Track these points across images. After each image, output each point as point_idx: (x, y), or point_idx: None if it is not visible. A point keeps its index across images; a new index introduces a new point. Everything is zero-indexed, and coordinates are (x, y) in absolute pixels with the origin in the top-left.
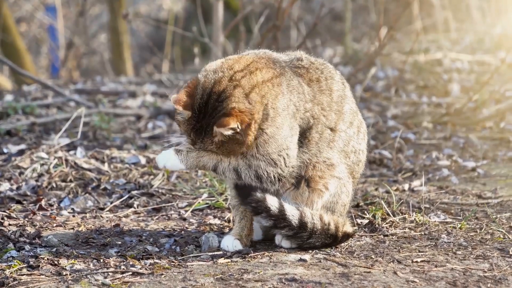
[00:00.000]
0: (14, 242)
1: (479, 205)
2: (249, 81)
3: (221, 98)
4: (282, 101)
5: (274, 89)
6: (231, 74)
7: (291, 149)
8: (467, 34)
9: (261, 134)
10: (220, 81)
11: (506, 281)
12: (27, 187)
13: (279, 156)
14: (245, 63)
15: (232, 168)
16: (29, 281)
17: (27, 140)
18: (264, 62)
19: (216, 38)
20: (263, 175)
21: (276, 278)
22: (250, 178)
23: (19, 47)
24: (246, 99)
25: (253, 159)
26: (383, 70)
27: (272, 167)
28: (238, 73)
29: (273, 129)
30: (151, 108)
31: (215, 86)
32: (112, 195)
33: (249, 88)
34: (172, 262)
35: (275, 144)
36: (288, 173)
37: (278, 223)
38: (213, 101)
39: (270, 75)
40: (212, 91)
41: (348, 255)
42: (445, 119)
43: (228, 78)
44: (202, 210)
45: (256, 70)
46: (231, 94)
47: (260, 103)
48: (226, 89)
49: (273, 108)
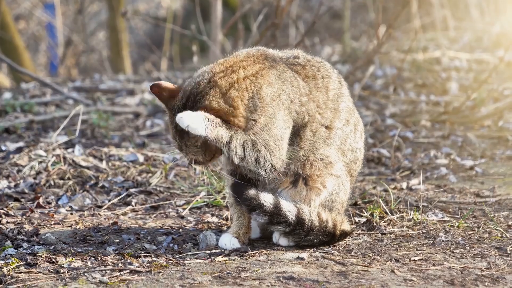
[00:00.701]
0: (12, 240)
1: (477, 204)
2: (228, 79)
3: (197, 98)
4: (269, 91)
5: (257, 81)
6: (210, 76)
7: (284, 141)
8: (465, 33)
9: (254, 124)
10: (199, 83)
11: (503, 279)
12: (25, 184)
13: (275, 144)
14: (229, 64)
15: (241, 144)
16: (27, 279)
17: (25, 137)
18: (252, 60)
19: (215, 36)
20: (261, 160)
21: (273, 276)
22: (251, 159)
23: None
24: (222, 98)
25: (257, 140)
26: (382, 68)
27: (269, 155)
28: (217, 74)
29: (265, 119)
30: (149, 106)
31: (193, 88)
32: (110, 193)
33: (227, 86)
34: (170, 260)
35: (271, 133)
36: (280, 166)
37: (273, 219)
38: (190, 103)
39: (255, 70)
40: (190, 93)
41: (346, 254)
42: (443, 117)
43: (206, 80)
44: (200, 208)
45: (240, 69)
46: (206, 93)
47: (240, 97)
48: (202, 90)
49: (259, 99)
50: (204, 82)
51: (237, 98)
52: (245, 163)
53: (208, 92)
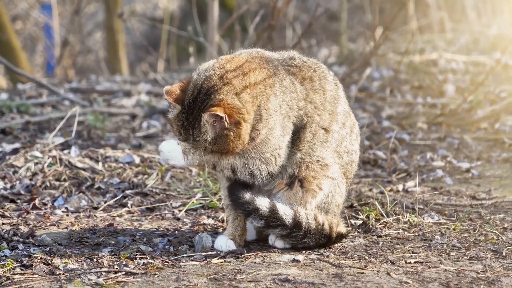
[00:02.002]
0: (7, 241)
1: (473, 206)
2: (241, 81)
3: (209, 92)
4: (274, 102)
5: (266, 91)
6: (222, 73)
7: (282, 149)
8: (462, 35)
9: (257, 135)
10: (211, 78)
11: (499, 282)
12: (21, 186)
13: (271, 155)
14: (237, 63)
15: (229, 167)
16: (22, 280)
17: (21, 138)
18: (257, 62)
19: (211, 37)
20: (256, 173)
21: (269, 278)
22: (244, 175)
23: (14, 45)
24: (236, 97)
25: (250, 158)
26: (378, 70)
27: (265, 165)
28: (230, 72)
29: (267, 130)
30: (146, 107)
31: (205, 82)
32: (106, 194)
33: (240, 88)
34: (166, 262)
35: (269, 144)
36: (277, 170)
37: (270, 222)
38: (202, 95)
39: (263, 76)
40: (202, 87)
41: (341, 256)
42: (439, 119)
43: (218, 76)
44: (196, 210)
45: (250, 72)
46: (219, 88)
47: (252, 104)
48: (215, 85)
49: (265, 109)
50: (216, 77)
51: (249, 103)
52: (238, 178)
53: (222, 88)
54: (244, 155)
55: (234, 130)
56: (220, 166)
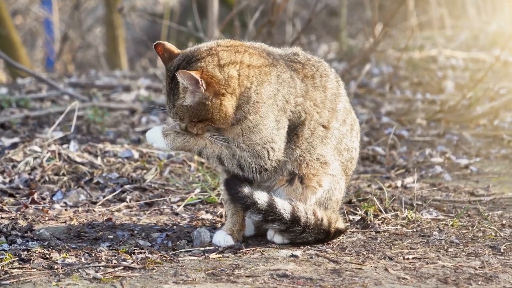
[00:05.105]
0: (6, 235)
1: (472, 203)
2: (230, 56)
3: (192, 60)
4: (267, 89)
5: (260, 76)
6: (212, 46)
7: (277, 143)
8: (462, 31)
9: (243, 117)
10: (199, 49)
11: (497, 278)
12: (19, 180)
13: (263, 148)
14: (234, 44)
15: (216, 156)
16: (21, 275)
17: (20, 133)
18: (258, 51)
19: (211, 32)
20: (245, 165)
21: (267, 273)
22: (233, 167)
23: (14, 40)
24: (218, 68)
25: (237, 149)
26: (378, 66)
27: (255, 159)
28: (220, 47)
29: (257, 117)
30: (145, 103)
31: (192, 51)
32: (104, 189)
33: (226, 61)
34: (164, 257)
35: (260, 135)
36: (271, 166)
37: (268, 217)
38: (185, 63)
39: (260, 63)
40: (187, 55)
41: (339, 252)
42: (439, 116)
43: (207, 48)
44: (194, 205)
45: (245, 53)
46: (203, 58)
47: (238, 81)
48: (200, 54)
49: (256, 93)
50: (204, 49)
51: (234, 79)
52: (226, 169)
53: (205, 57)
54: (231, 146)
55: (214, 101)
56: (205, 153)
